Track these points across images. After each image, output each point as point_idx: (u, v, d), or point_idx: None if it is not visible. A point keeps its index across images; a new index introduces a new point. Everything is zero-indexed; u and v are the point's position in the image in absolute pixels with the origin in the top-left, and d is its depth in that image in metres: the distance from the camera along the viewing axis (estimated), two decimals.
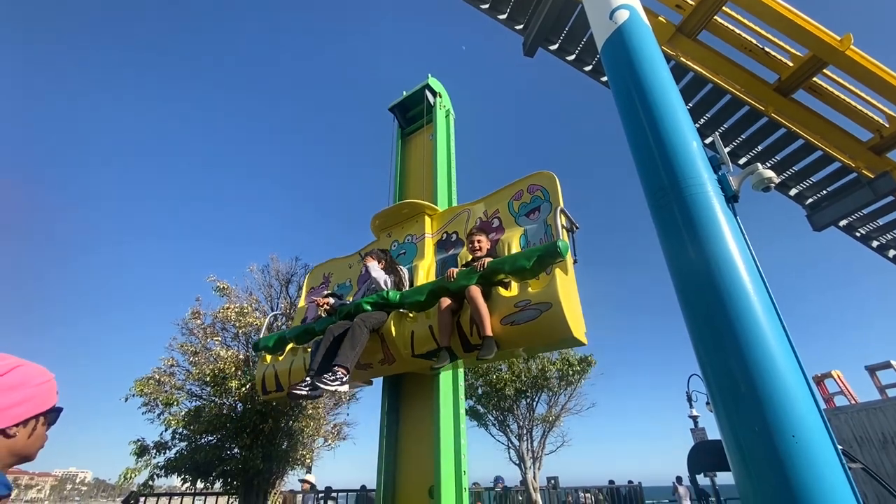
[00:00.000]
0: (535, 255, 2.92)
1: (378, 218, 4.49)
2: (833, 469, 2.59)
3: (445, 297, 3.18)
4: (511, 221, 3.71)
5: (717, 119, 8.35)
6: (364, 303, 3.46)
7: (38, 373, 1.05)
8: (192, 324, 6.38)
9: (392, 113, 5.57)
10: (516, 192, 3.80)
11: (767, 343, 2.90)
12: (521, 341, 2.93)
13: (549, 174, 3.66)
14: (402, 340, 3.37)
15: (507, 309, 2.95)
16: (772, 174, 3.61)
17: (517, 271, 2.98)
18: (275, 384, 4.09)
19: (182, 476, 5.51)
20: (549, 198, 3.57)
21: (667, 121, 3.91)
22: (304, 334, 3.91)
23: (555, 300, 2.76)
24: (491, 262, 3.14)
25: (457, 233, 4.09)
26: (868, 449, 8.20)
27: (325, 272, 4.99)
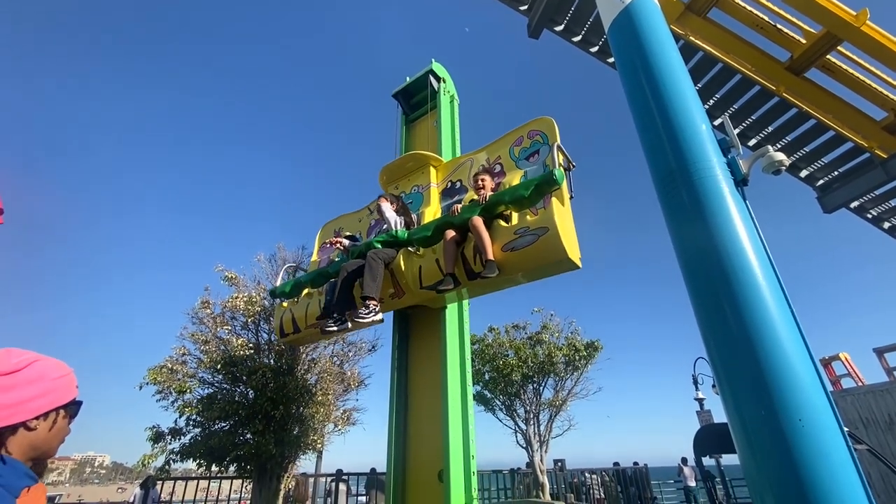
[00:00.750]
0: (532, 183, 3.11)
1: (385, 172, 4.70)
2: (839, 451, 2.60)
3: (450, 230, 3.39)
4: (512, 166, 3.89)
5: (727, 100, 8.18)
6: (375, 241, 3.69)
7: (57, 367, 1.07)
8: (201, 313, 6.46)
9: (396, 99, 5.51)
10: (517, 138, 3.96)
11: (775, 327, 2.89)
12: (521, 265, 3.11)
13: (548, 119, 3.80)
14: (411, 275, 3.60)
15: (508, 236, 3.17)
16: (782, 157, 3.55)
17: (517, 200, 3.18)
18: (292, 326, 4.30)
19: (197, 461, 5.66)
20: (547, 141, 3.73)
21: (675, 103, 3.83)
22: (319, 277, 4.11)
23: (551, 224, 2.98)
24: (492, 194, 3.37)
25: (461, 180, 4.26)
26: (874, 430, 8.21)
27: (335, 227, 5.19)
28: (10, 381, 0.97)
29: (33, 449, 1.01)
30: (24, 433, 0.98)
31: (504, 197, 3.24)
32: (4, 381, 0.96)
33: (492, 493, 9.68)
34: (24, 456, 0.99)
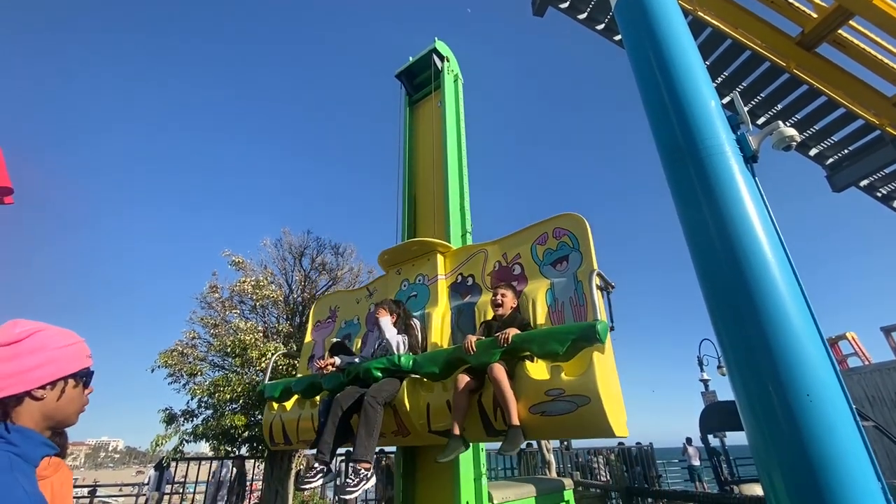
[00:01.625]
0: (569, 338, 2.59)
1: (386, 254, 4.19)
2: (847, 426, 2.62)
3: (463, 375, 2.82)
4: (535, 270, 3.35)
5: (736, 77, 8.03)
6: (373, 368, 3.15)
7: (62, 336, 1.06)
8: (210, 297, 6.53)
9: (399, 80, 5.44)
10: (540, 234, 3.41)
11: (784, 305, 2.88)
12: (552, 433, 2.72)
13: (577, 217, 3.28)
14: (417, 413, 3.11)
15: (537, 396, 2.63)
16: (793, 132, 3.49)
17: (547, 355, 2.67)
18: (283, 437, 3.93)
19: (210, 442, 5.78)
20: (578, 246, 3.19)
21: (684, 80, 3.77)
22: (311, 389, 3.72)
23: (594, 395, 2.45)
24: (516, 336, 2.76)
25: (473, 276, 3.74)
26: (880, 408, 8.25)
27: (331, 305, 4.76)
28: (11, 351, 0.97)
29: (46, 418, 1.01)
30: (32, 403, 0.98)
31: (532, 347, 2.72)
32: (6, 352, 0.96)
33: (499, 471, 9.86)
34: (37, 426, 0.99)
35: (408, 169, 5.02)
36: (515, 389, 2.69)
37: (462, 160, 4.69)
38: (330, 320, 4.67)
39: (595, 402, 2.44)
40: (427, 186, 4.80)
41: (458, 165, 4.62)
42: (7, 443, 0.91)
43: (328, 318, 4.70)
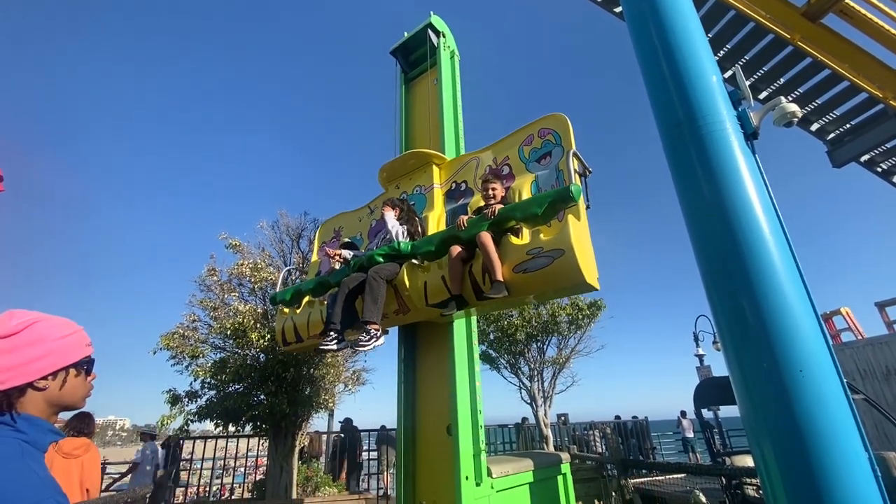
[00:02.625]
0: (546, 200, 2.84)
1: (385, 170, 4.42)
2: (837, 400, 2.67)
3: (456, 246, 3.15)
4: (521, 168, 3.59)
5: (739, 50, 7.85)
6: (376, 254, 3.47)
7: (60, 327, 1.06)
8: (208, 280, 6.54)
9: (394, 57, 5.31)
10: (526, 136, 3.63)
11: (780, 282, 2.90)
12: (533, 288, 2.91)
13: (560, 116, 3.50)
14: (416, 291, 3.38)
15: (519, 257, 2.91)
16: (795, 108, 3.44)
17: (529, 218, 2.92)
18: (294, 336, 4.19)
19: (214, 421, 5.89)
20: (560, 141, 3.43)
21: (685, 54, 3.70)
22: (320, 287, 3.97)
23: (567, 247, 2.71)
24: (501, 209, 3.07)
25: (466, 182, 4.01)
26: (871, 381, 8.41)
27: (335, 226, 4.99)
28: (9, 344, 0.97)
29: (51, 405, 1.02)
30: (34, 393, 0.99)
31: (515, 213, 2.98)
32: (4, 344, 0.96)
33: (497, 446, 10.10)
34: (43, 413, 1.00)
35: (404, 147, 4.96)
36: (501, 254, 2.99)
37: (459, 138, 4.62)
38: (334, 240, 4.89)
39: (569, 253, 2.71)
40: None
41: (455, 144, 4.56)
42: (16, 430, 0.93)
43: (332, 239, 4.94)
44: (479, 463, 3.39)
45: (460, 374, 3.60)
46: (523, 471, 3.85)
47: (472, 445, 3.42)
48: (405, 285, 3.39)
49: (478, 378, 3.79)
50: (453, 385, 3.53)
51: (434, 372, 3.96)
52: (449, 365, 3.64)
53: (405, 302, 3.50)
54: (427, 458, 3.75)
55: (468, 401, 3.59)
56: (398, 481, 3.73)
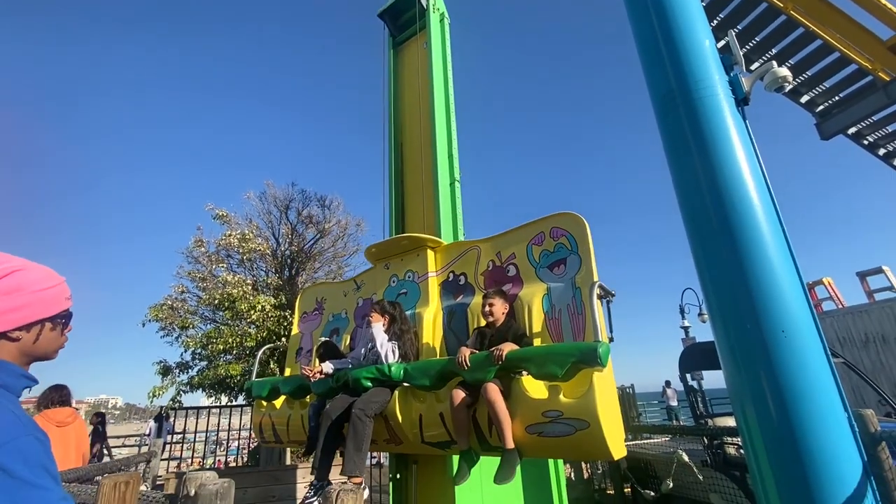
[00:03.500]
0: (568, 361, 2.46)
1: (374, 247, 4.04)
2: (818, 362, 2.74)
3: (458, 390, 2.75)
4: (531, 273, 3.19)
5: (733, 19, 7.78)
6: (363, 378, 3.05)
7: (41, 278, 1.02)
8: (196, 252, 6.45)
9: (381, 19, 5.13)
10: (536, 234, 3.24)
11: (766, 248, 2.94)
12: (548, 453, 2.71)
13: (575, 217, 3.11)
14: (409, 423, 3.03)
15: (534, 416, 2.55)
16: (786, 72, 3.42)
17: (545, 377, 2.55)
18: (273, 436, 3.93)
19: (206, 392, 5.91)
20: (577, 249, 3.03)
21: (679, 15, 3.63)
22: (299, 390, 3.67)
23: (593, 419, 2.36)
24: (511, 354, 2.63)
25: (465, 275, 3.57)
26: (849, 348, 8.71)
27: (317, 296, 4.60)
28: None
29: (24, 355, 1.00)
30: (7, 342, 0.97)
31: (530, 367, 2.60)
32: None
33: None
34: (16, 360, 0.98)
35: (393, 115, 4.85)
36: (511, 408, 2.61)
37: (449, 104, 4.53)
38: (316, 312, 4.53)
39: (594, 426, 2.36)
40: (414, 132, 4.65)
41: (446, 110, 4.46)
42: None
43: (314, 311, 4.56)
44: None
45: None
46: None
47: None
48: (396, 417, 3.01)
49: None
50: None
51: None
52: None
53: (397, 435, 3.12)
54: None
55: None
56: None
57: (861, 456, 2.58)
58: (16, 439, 0.82)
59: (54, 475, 0.86)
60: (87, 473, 3.35)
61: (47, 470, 0.84)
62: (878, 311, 8.43)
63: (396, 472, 3.61)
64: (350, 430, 2.87)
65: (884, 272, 9.86)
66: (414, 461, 3.52)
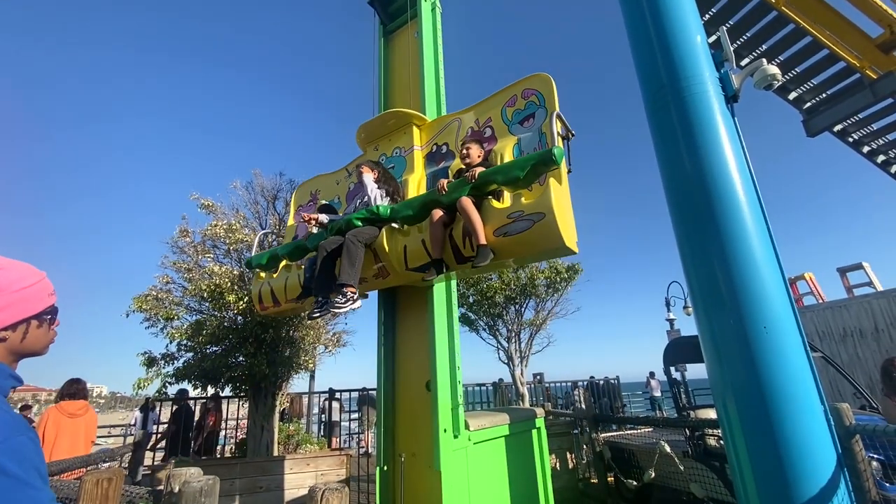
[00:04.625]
0: (528, 163, 2.80)
1: (363, 130, 4.28)
2: (797, 356, 2.82)
3: (437, 210, 3.11)
4: (504, 130, 3.53)
5: (724, 14, 7.78)
6: (354, 218, 3.40)
7: (22, 276, 1.01)
8: (181, 242, 6.34)
9: (372, 7, 5.04)
10: (510, 97, 3.55)
11: (751, 243, 2.99)
12: (514, 252, 2.92)
13: (544, 76, 3.42)
14: (396, 255, 3.37)
15: (500, 220, 2.90)
16: (776, 70, 3.45)
17: (510, 181, 2.88)
18: (271, 300, 4.15)
19: (192, 383, 5.87)
20: (544, 103, 3.35)
21: (671, 12, 3.63)
22: (297, 251, 3.90)
23: (548, 210, 2.70)
24: (482, 171, 3.02)
25: (447, 144, 3.91)
26: (828, 342, 8.94)
27: (311, 189, 4.85)
28: None
29: (11, 354, 1.00)
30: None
31: (496, 177, 2.93)
32: None
33: (475, 405, 10.44)
34: (5, 359, 0.98)
35: (383, 105, 4.79)
36: (483, 217, 2.97)
37: (441, 96, 4.48)
38: (311, 203, 4.78)
39: (549, 216, 2.70)
40: None
41: (437, 101, 4.43)
42: None
43: (309, 202, 4.83)
44: (456, 416, 3.49)
45: (440, 332, 3.64)
46: (499, 424, 3.99)
47: (450, 399, 3.51)
48: (384, 249, 3.37)
49: (456, 336, 3.84)
50: (432, 343, 3.58)
51: (413, 332, 3.99)
52: (428, 326, 3.66)
53: (384, 266, 3.48)
54: (406, 413, 3.84)
55: (447, 357, 3.65)
56: (378, 436, 3.82)
57: (836, 448, 2.66)
58: (9, 439, 0.82)
59: (44, 476, 0.86)
60: (70, 465, 3.34)
61: (38, 470, 0.85)
62: (857, 306, 8.65)
63: (384, 465, 3.65)
64: (344, 251, 3.24)
65: (863, 268, 10.10)
66: (401, 454, 3.56)
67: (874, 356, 8.21)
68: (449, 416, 3.45)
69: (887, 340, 8.13)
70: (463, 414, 3.59)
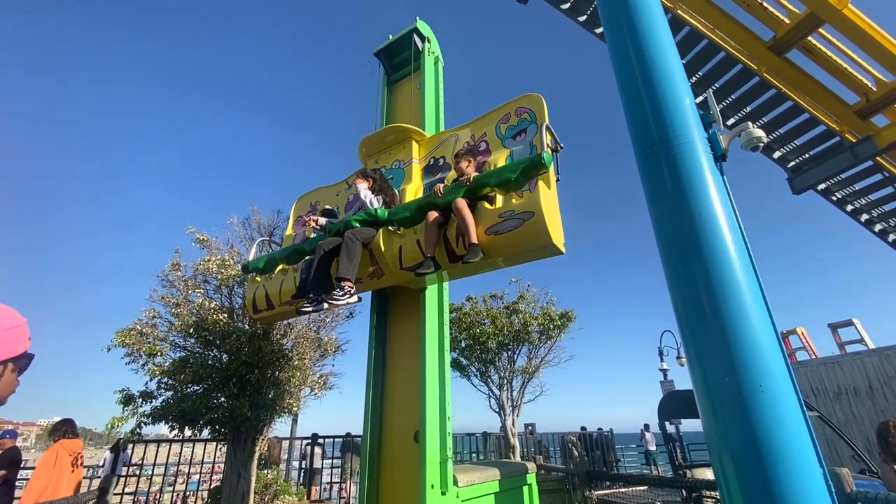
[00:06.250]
0: (519, 166, 3.01)
1: (365, 144, 4.51)
2: (794, 416, 2.77)
3: (433, 212, 3.27)
4: (498, 144, 3.77)
5: (710, 77, 8.24)
6: (353, 220, 3.54)
7: (5, 318, 0.99)
8: (172, 276, 6.24)
9: (378, 58, 5.28)
10: (504, 115, 3.82)
11: (743, 299, 3.00)
12: (504, 249, 3.04)
13: (536, 96, 3.70)
14: (391, 255, 3.48)
15: (492, 220, 3.07)
16: (761, 133, 3.61)
17: (503, 183, 3.07)
18: (266, 303, 4.19)
19: (169, 424, 5.58)
20: (535, 119, 3.61)
21: (662, 76, 3.82)
22: (295, 254, 3.98)
23: (537, 209, 2.88)
24: (477, 175, 3.27)
25: (444, 157, 4.14)
26: (823, 399, 8.83)
27: (311, 201, 5.00)
28: None
29: None
30: None
31: (490, 179, 3.14)
32: None
33: (464, 454, 10.03)
34: None
35: None
36: (475, 219, 3.12)
37: None
38: (311, 213, 4.87)
39: (538, 215, 2.86)
40: None
41: None
42: None
43: (308, 212, 4.92)
44: (445, 471, 3.34)
45: (430, 375, 3.56)
46: (489, 480, 3.82)
47: (438, 452, 3.37)
48: (380, 249, 3.50)
49: (447, 381, 3.74)
50: (423, 385, 3.48)
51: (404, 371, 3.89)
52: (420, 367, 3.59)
53: (380, 266, 3.59)
54: (392, 464, 3.67)
55: (437, 405, 3.54)
56: (361, 488, 3.63)
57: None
58: None
59: None
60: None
61: None
62: (850, 364, 8.62)
63: None
64: (343, 247, 3.36)
65: (854, 325, 10.15)
66: None
67: (870, 415, 8.10)
68: (437, 470, 3.30)
69: (882, 400, 8.05)
70: (452, 468, 3.44)
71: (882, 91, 7.22)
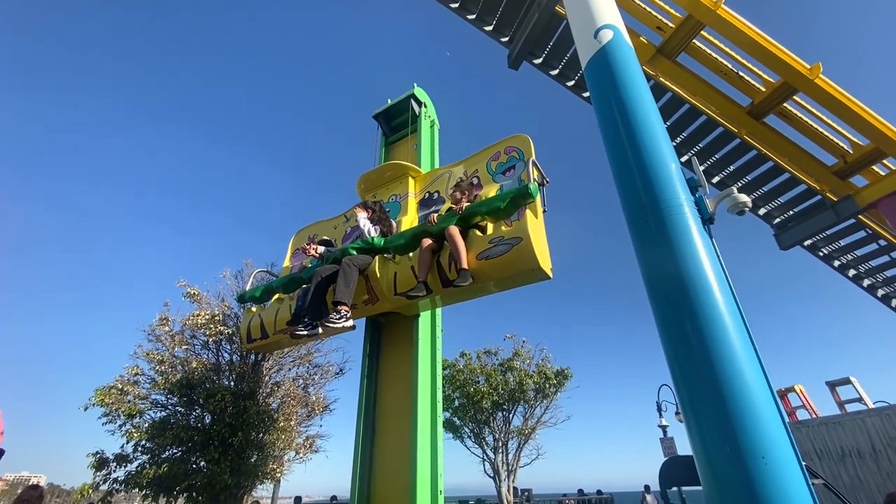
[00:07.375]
0: (508, 196, 3.25)
1: (364, 181, 4.74)
2: (798, 488, 2.66)
3: (427, 239, 3.44)
4: (489, 179, 4.04)
5: (693, 139, 8.59)
6: (350, 248, 3.70)
7: None
8: (159, 330, 6.07)
9: (376, 121, 5.50)
10: (494, 153, 4.11)
11: (738, 362, 2.96)
12: (495, 274, 3.16)
13: (524, 137, 3.99)
14: (386, 281, 3.63)
15: (483, 245, 3.26)
16: (746, 199, 3.71)
17: (493, 211, 3.31)
18: (260, 332, 4.23)
19: (143, 492, 5.20)
20: (523, 157, 3.87)
21: (647, 142, 3.97)
22: (291, 283, 4.07)
23: (524, 234, 3.08)
24: (469, 205, 3.49)
25: (438, 192, 4.36)
26: (827, 462, 8.51)
27: (310, 234, 5.13)
28: None
29: None
30: None
31: (481, 208, 3.37)
32: None
33: None
34: None
35: None
36: (467, 245, 3.31)
37: None
38: (310, 243, 4.86)
39: (526, 241, 3.06)
40: None
41: None
42: None
43: (308, 243, 4.88)
44: None
45: (422, 442, 3.44)
46: None
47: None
48: (376, 275, 3.66)
49: (440, 450, 3.58)
50: (414, 454, 3.33)
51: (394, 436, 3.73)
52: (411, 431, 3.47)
53: (375, 292, 3.73)
54: None
55: (428, 474, 3.37)
56: None
57: None
58: None
59: None
60: None
61: None
62: (851, 424, 8.40)
63: None
64: (340, 273, 3.48)
65: (851, 383, 10.00)
66: None
67: (875, 479, 7.78)
68: None
69: (886, 462, 7.77)
70: None
71: (858, 154, 7.54)
